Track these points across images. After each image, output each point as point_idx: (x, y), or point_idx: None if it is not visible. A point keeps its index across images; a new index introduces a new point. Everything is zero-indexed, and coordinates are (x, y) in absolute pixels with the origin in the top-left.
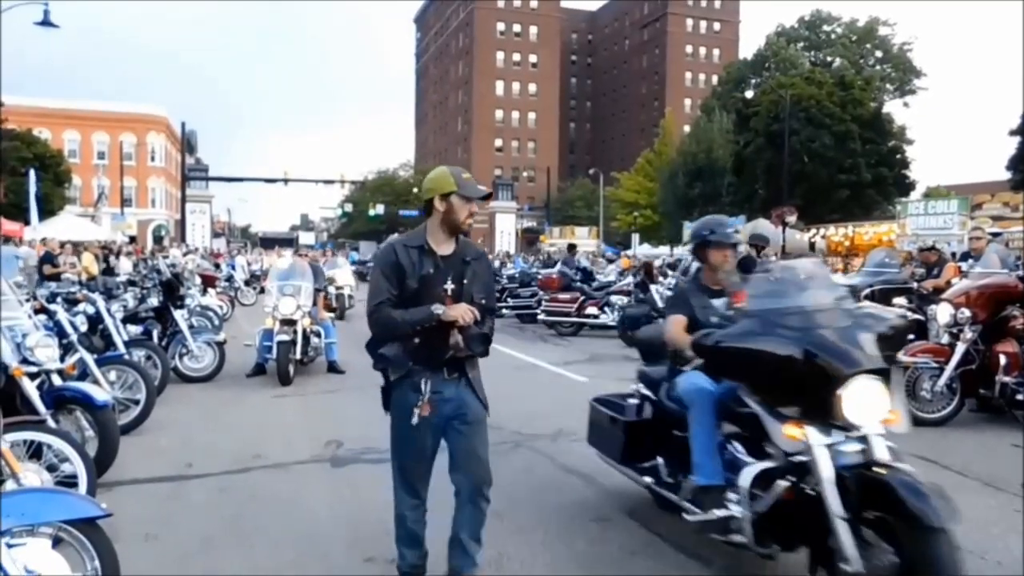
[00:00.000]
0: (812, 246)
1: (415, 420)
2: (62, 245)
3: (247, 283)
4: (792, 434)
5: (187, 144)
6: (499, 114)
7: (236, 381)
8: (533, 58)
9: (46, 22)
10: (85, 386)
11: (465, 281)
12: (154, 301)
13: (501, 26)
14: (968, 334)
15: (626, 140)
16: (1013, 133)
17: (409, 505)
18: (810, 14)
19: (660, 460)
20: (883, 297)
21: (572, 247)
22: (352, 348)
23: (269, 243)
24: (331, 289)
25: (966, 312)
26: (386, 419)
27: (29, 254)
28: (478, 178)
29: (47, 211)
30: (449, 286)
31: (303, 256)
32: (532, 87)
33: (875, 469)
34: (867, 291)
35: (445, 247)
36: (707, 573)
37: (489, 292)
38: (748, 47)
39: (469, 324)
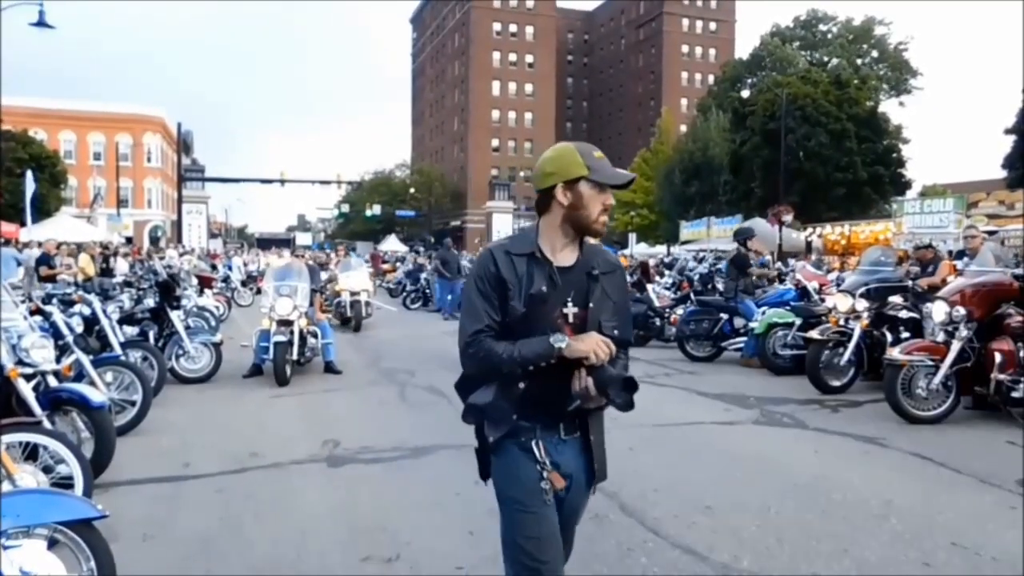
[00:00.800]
0: (808, 245)
1: (548, 498)
2: (59, 246)
3: (244, 284)
4: None
5: (183, 145)
6: (496, 114)
7: (233, 382)
8: (529, 58)
9: (41, 23)
10: (81, 387)
11: (591, 304)
12: (150, 302)
13: (497, 26)
14: (963, 332)
15: (623, 139)
16: (1008, 131)
17: None
18: (806, 13)
19: None
20: (879, 295)
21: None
22: (350, 350)
23: (266, 244)
24: (345, 296)
25: (961, 310)
26: (385, 419)
27: (31, 256)
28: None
29: (43, 212)
30: (570, 310)
31: (301, 257)
32: (529, 87)
33: None
34: (862, 289)
35: (565, 256)
36: (704, 569)
37: (624, 319)
38: (744, 46)
39: (603, 362)
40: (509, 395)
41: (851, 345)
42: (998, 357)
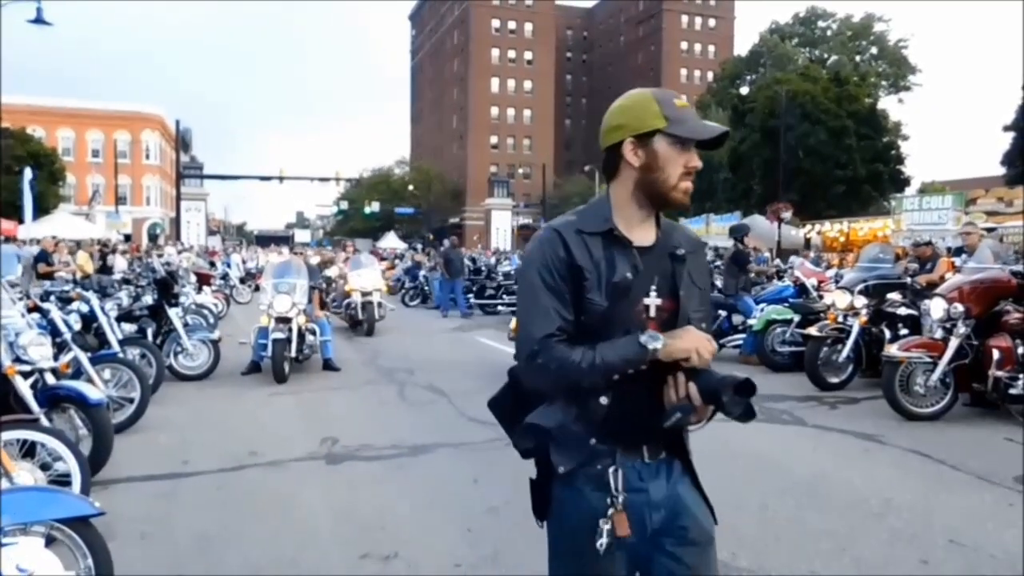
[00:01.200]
0: (807, 242)
1: (603, 542)
2: (57, 243)
3: (242, 281)
4: None
5: (182, 142)
6: (495, 111)
7: (231, 379)
8: (528, 55)
9: (39, 20)
10: (79, 384)
11: (681, 292)
12: (149, 299)
13: (496, 23)
14: (961, 329)
15: None
16: (1007, 129)
17: None
18: (805, 10)
19: None
20: (877, 292)
21: None
22: (349, 348)
23: (265, 241)
24: (355, 297)
25: (959, 307)
26: (384, 417)
27: (29, 253)
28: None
29: (42, 209)
30: (652, 301)
31: (299, 254)
32: (528, 84)
33: None
34: (861, 286)
35: (642, 233)
36: None
37: (708, 311)
38: (743, 44)
39: (707, 365)
40: (585, 413)
41: (849, 342)
42: (996, 354)
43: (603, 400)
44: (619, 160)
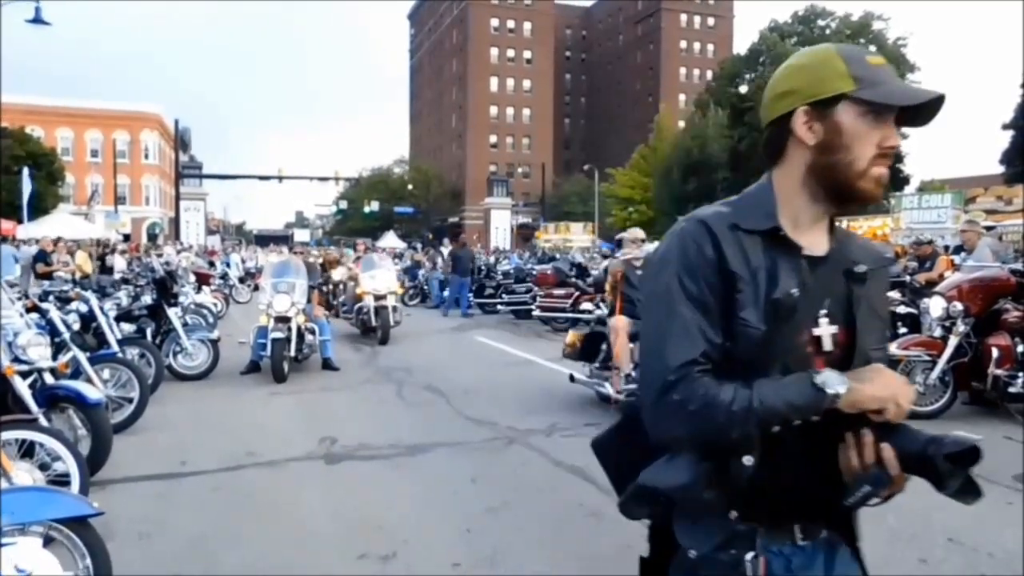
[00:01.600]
0: None
1: None
2: (55, 243)
3: (242, 280)
4: None
5: (181, 141)
6: (494, 110)
7: (230, 379)
8: (527, 54)
9: (38, 19)
10: (78, 384)
11: (859, 322)
12: (148, 299)
13: (495, 22)
14: (961, 327)
15: (621, 136)
16: (1006, 127)
17: None
18: (804, 9)
19: None
20: None
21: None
22: (348, 348)
23: (264, 240)
24: (368, 301)
25: (959, 305)
26: (383, 417)
27: (28, 253)
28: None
29: (40, 209)
30: (824, 330)
31: (300, 253)
32: (527, 83)
33: None
34: None
35: (813, 238)
36: None
37: (887, 350)
38: (742, 42)
39: (902, 418)
40: (724, 476)
41: None
42: (995, 352)
43: (748, 460)
44: (787, 137)
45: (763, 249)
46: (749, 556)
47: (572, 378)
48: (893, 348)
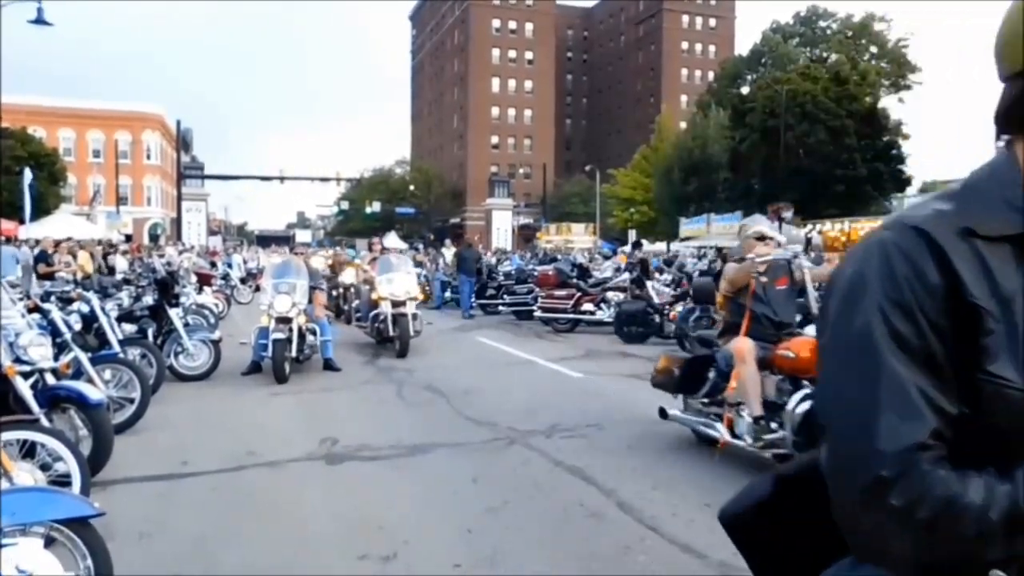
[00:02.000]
0: (808, 241)
1: None
2: (57, 244)
3: (243, 281)
4: None
5: (183, 142)
6: (495, 111)
7: (232, 379)
8: (529, 55)
9: (40, 20)
10: (79, 385)
11: None
12: (149, 300)
13: (496, 23)
14: None
15: (622, 136)
16: None
17: None
18: (806, 10)
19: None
20: None
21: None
22: (349, 348)
23: (265, 241)
24: (385, 308)
25: None
26: (383, 417)
27: (29, 254)
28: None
29: (42, 210)
30: None
31: (299, 254)
32: (528, 84)
33: None
34: None
35: None
36: (701, 567)
37: None
38: (744, 43)
39: None
40: None
41: None
42: None
43: None
44: None
45: (1018, 264)
46: None
47: (663, 413)
48: None
